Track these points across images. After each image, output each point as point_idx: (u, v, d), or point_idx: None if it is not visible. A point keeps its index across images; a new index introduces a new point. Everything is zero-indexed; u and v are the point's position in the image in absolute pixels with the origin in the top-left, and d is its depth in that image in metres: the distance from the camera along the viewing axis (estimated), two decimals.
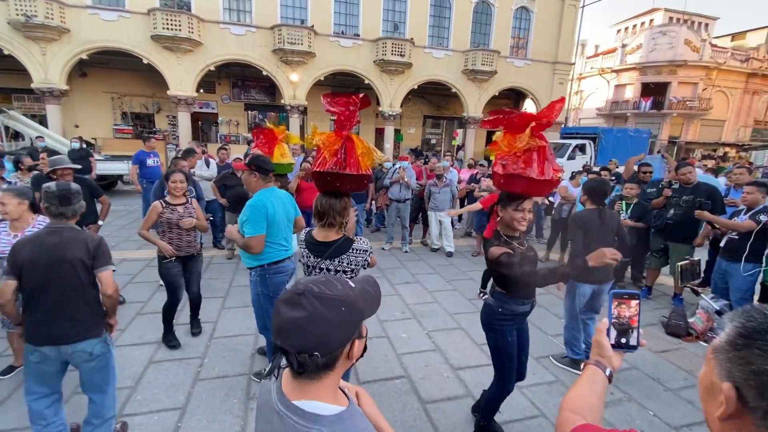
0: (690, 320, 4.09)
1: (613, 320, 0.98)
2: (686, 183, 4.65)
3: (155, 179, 6.17)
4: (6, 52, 13.40)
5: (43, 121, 14.10)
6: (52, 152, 5.75)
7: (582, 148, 14.65)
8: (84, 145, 9.71)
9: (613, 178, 7.05)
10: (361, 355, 0.92)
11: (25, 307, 2.03)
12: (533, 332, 4.04)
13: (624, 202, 5.02)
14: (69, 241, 2.02)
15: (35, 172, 5.18)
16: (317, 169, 2.19)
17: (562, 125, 19.50)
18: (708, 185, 4.65)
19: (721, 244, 4.00)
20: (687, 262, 2.76)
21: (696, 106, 24.31)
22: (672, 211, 4.69)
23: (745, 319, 0.60)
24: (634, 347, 0.98)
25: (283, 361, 0.84)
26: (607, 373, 0.98)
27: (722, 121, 26.32)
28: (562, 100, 2.28)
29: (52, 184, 2.12)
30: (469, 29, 18.46)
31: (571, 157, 13.58)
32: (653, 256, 5.05)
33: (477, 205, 5.60)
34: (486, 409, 2.52)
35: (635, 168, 6.06)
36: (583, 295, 3.31)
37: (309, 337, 0.79)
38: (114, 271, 2.17)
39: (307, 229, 2.33)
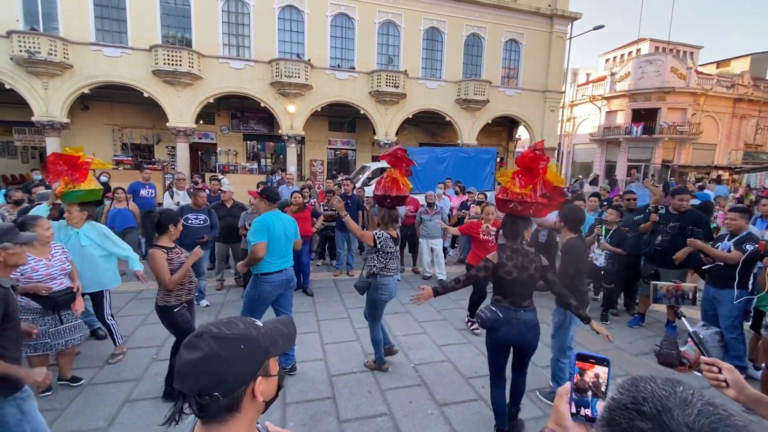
0: (682, 349, 4.01)
1: (576, 386, 0.85)
2: (678, 210, 4.63)
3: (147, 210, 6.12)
4: (8, 86, 13.71)
5: (42, 152, 14.25)
6: (48, 187, 5.77)
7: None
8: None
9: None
10: (275, 396, 0.90)
11: None
12: None
13: (604, 227, 5.07)
14: None
15: (24, 205, 5.21)
16: (377, 193, 3.74)
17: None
18: (694, 212, 4.66)
19: (704, 268, 3.96)
20: (667, 284, 2.57)
21: (686, 130, 24.73)
22: (660, 238, 4.68)
23: (616, 393, 0.61)
24: (593, 420, 0.83)
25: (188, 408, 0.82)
26: None
27: (714, 144, 26.72)
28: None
29: None
30: (461, 61, 19.04)
31: (366, 183, 12.09)
32: (644, 282, 5.00)
33: (455, 230, 5.65)
34: None
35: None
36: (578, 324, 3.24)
37: (205, 377, 0.78)
38: None
39: (381, 232, 3.57)
